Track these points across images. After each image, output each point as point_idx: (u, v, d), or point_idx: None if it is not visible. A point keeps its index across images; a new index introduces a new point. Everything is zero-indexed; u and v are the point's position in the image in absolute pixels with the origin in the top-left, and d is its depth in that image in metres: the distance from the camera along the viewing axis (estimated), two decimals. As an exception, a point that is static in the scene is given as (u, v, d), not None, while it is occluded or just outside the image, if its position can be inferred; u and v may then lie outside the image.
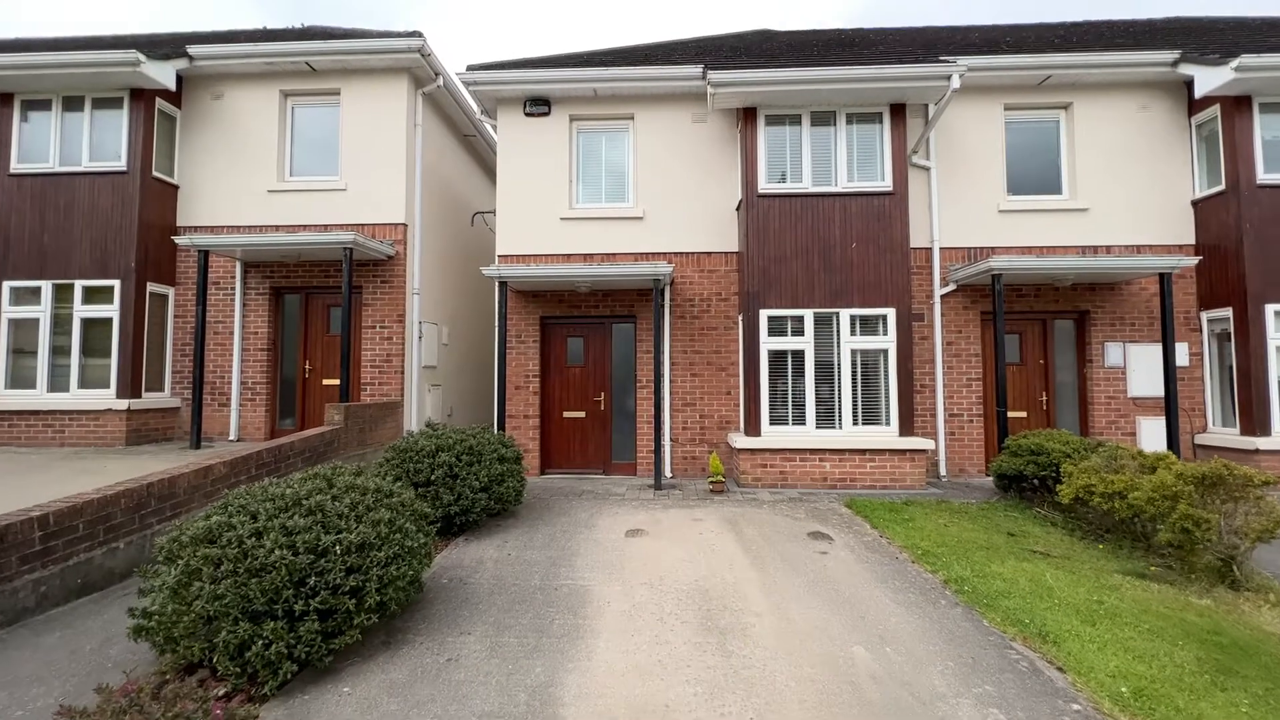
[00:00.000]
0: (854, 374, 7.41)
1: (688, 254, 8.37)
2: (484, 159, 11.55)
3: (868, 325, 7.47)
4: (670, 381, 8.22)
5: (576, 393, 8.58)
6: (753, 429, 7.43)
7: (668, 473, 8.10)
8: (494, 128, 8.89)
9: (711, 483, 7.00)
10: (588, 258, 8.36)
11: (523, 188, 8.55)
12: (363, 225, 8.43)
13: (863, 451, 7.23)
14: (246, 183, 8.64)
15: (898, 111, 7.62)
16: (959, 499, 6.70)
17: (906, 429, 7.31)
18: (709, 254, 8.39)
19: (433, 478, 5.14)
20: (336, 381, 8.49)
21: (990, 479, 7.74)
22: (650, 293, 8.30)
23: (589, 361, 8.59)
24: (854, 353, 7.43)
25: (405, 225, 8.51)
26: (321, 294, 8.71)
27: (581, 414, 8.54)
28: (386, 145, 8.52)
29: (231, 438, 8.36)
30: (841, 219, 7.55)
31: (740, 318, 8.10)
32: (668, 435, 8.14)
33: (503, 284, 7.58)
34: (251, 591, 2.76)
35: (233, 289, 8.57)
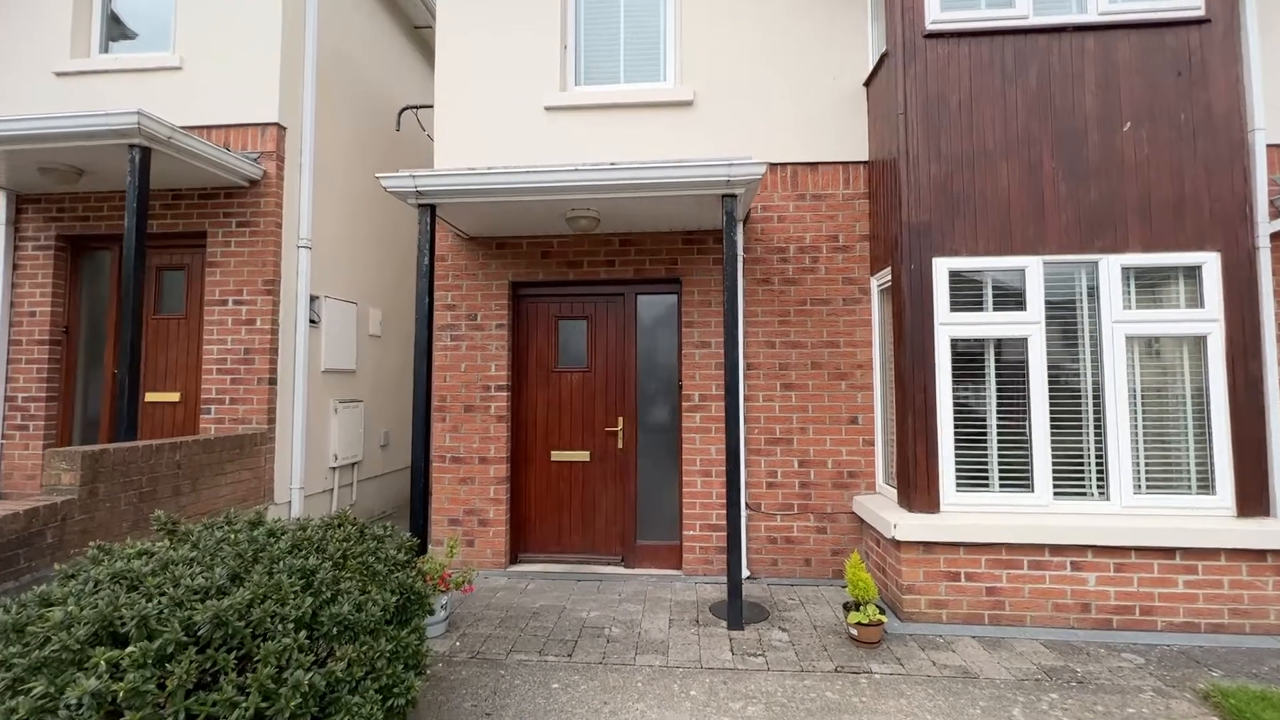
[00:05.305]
0: (1132, 387, 3.63)
1: (774, 166, 4.61)
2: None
3: (1157, 287, 3.69)
4: (745, 399, 4.49)
5: (575, 417, 4.88)
6: (919, 496, 3.68)
7: (745, 570, 4.36)
8: (436, -36, 5.24)
9: (857, 626, 3.23)
10: (594, 177, 4.67)
11: (480, 60, 4.89)
12: (210, 128, 4.86)
13: (1168, 551, 3.43)
14: (26, 61, 5.12)
15: None
16: None
17: (1252, 503, 3.50)
18: (813, 166, 4.62)
19: (32, 767, 1.49)
20: (173, 396, 4.96)
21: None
22: (702, 237, 4.59)
23: (597, 361, 4.89)
24: (1130, 343, 3.65)
25: (282, 130, 4.90)
26: (154, 247, 5.11)
27: (584, 455, 4.84)
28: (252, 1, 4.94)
29: (-16, 493, 4.86)
30: (1099, 77, 3.76)
31: (876, 280, 4.34)
32: (743, 499, 4.40)
33: (427, 208, 3.89)
34: None
35: (-6, 239, 5.06)
